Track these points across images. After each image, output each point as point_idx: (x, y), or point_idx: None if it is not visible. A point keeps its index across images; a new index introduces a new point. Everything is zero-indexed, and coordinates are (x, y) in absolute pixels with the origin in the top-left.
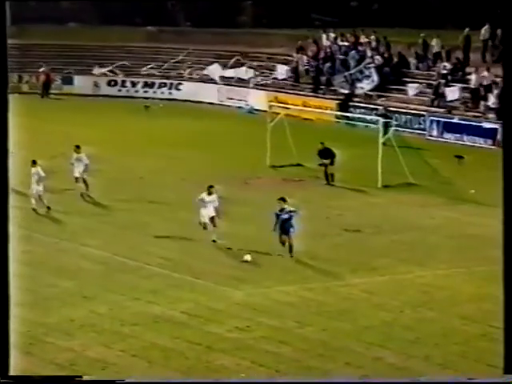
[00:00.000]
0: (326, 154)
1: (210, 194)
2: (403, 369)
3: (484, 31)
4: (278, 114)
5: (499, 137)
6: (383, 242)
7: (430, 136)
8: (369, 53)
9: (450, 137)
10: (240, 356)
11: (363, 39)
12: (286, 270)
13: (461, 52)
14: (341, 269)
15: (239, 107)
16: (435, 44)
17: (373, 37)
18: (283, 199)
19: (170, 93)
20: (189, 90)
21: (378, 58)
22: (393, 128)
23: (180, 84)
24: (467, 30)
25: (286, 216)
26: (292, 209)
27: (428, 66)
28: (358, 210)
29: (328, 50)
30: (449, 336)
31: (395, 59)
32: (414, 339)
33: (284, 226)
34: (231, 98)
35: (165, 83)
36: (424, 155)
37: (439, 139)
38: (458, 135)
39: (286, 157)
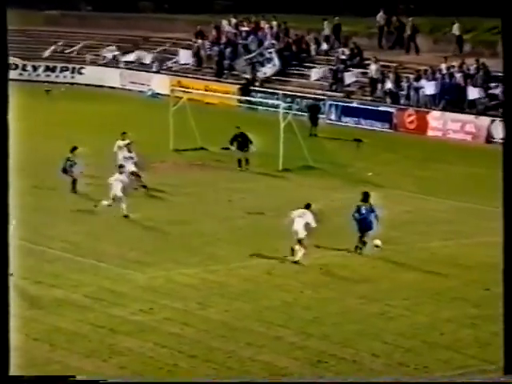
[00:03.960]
0: (242, 139)
1: (129, 151)
2: (303, 348)
3: (379, 17)
4: (180, 98)
5: (395, 120)
6: (284, 225)
7: (329, 120)
8: (269, 38)
9: (348, 120)
10: (143, 338)
11: (264, 24)
12: (189, 252)
13: (358, 38)
14: (243, 251)
15: (141, 91)
16: (327, 28)
17: (274, 22)
18: (366, 197)
19: (73, 77)
20: (91, 74)
21: (277, 42)
22: (293, 112)
23: (82, 68)
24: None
25: (364, 214)
26: (370, 205)
27: (327, 51)
28: (260, 192)
29: (229, 35)
30: (347, 315)
31: (295, 44)
32: (313, 318)
33: (364, 224)
34: (134, 82)
35: (67, 67)
36: (323, 139)
37: (338, 123)
38: (356, 119)
39: (190, 141)
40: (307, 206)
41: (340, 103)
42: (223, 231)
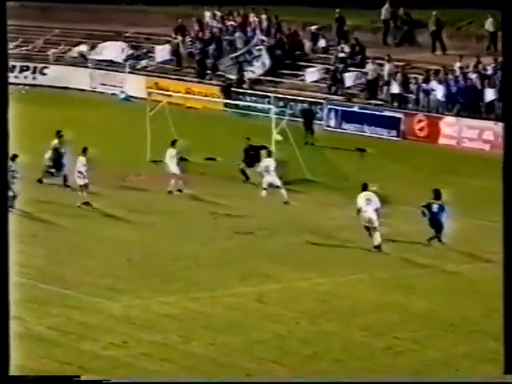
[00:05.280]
0: (254, 153)
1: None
2: None
3: (384, 11)
4: (159, 101)
5: (403, 127)
6: (276, 246)
7: (328, 126)
8: (259, 34)
9: (349, 127)
10: (117, 375)
11: (252, 18)
12: (167, 278)
13: (361, 33)
14: (229, 276)
15: (114, 94)
16: (332, 24)
17: (264, 16)
18: (438, 194)
19: (34, 77)
20: (56, 74)
21: (268, 39)
22: (287, 117)
23: (45, 68)
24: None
25: (436, 212)
26: (442, 203)
27: (324, 48)
28: (250, 209)
29: (213, 30)
30: (349, 350)
31: (288, 41)
32: (312, 354)
33: (435, 223)
34: (105, 84)
35: (27, 66)
36: (322, 148)
37: (338, 130)
38: (359, 126)
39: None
40: (365, 187)
41: (340, 108)
42: (206, 254)
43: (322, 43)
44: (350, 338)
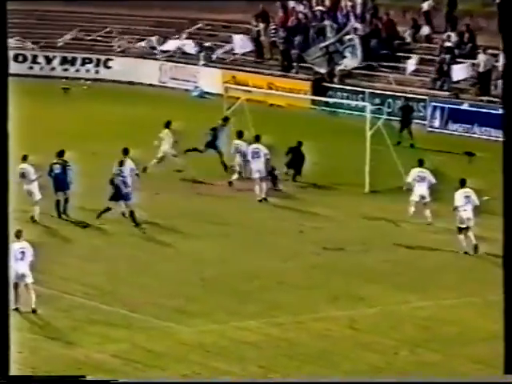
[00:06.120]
0: (295, 155)
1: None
2: None
3: None
4: (237, 98)
5: None
6: (372, 264)
7: (432, 127)
8: (352, 20)
9: (457, 128)
10: None
11: (344, 2)
12: (245, 300)
13: (470, 19)
14: (316, 297)
15: (186, 90)
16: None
17: (358, 0)
18: None
19: (97, 71)
20: (121, 67)
21: (362, 26)
22: (384, 116)
23: (109, 60)
24: None
25: None
26: None
27: (428, 37)
28: (340, 222)
29: (300, 17)
30: None
31: (385, 28)
32: None
33: None
34: (176, 79)
35: (90, 59)
36: (424, 152)
37: (443, 131)
38: (468, 126)
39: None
40: (463, 183)
41: (446, 105)
42: (290, 272)
43: (425, 30)
44: (458, 370)
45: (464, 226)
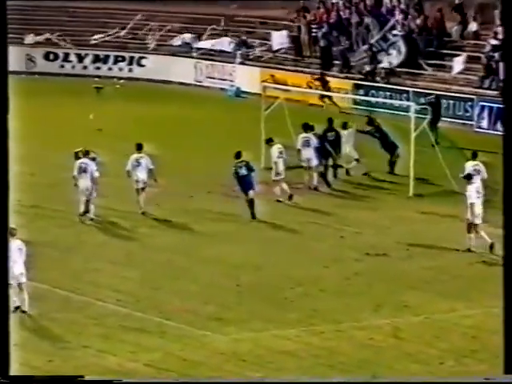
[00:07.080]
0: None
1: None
2: None
3: None
4: (275, 98)
5: None
6: (416, 270)
7: (479, 128)
8: (397, 15)
9: None
10: None
11: None
12: (282, 307)
13: None
14: (359, 305)
15: (222, 89)
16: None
17: None
18: None
19: (130, 69)
20: (155, 65)
21: (407, 22)
22: (429, 116)
23: (143, 58)
24: None
25: None
26: None
27: (476, 33)
28: (383, 226)
29: (341, 13)
30: None
31: (431, 24)
32: None
33: None
34: (212, 77)
35: (123, 57)
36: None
37: (492, 132)
38: None
39: (288, 155)
40: (474, 156)
41: (495, 105)
42: (331, 278)
43: (473, 27)
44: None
45: (475, 222)
